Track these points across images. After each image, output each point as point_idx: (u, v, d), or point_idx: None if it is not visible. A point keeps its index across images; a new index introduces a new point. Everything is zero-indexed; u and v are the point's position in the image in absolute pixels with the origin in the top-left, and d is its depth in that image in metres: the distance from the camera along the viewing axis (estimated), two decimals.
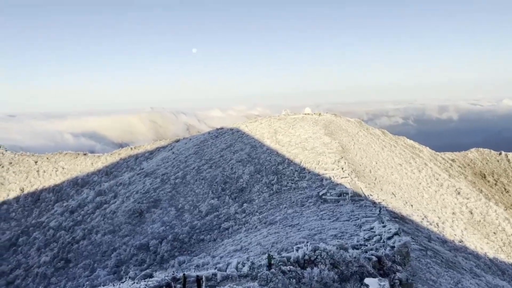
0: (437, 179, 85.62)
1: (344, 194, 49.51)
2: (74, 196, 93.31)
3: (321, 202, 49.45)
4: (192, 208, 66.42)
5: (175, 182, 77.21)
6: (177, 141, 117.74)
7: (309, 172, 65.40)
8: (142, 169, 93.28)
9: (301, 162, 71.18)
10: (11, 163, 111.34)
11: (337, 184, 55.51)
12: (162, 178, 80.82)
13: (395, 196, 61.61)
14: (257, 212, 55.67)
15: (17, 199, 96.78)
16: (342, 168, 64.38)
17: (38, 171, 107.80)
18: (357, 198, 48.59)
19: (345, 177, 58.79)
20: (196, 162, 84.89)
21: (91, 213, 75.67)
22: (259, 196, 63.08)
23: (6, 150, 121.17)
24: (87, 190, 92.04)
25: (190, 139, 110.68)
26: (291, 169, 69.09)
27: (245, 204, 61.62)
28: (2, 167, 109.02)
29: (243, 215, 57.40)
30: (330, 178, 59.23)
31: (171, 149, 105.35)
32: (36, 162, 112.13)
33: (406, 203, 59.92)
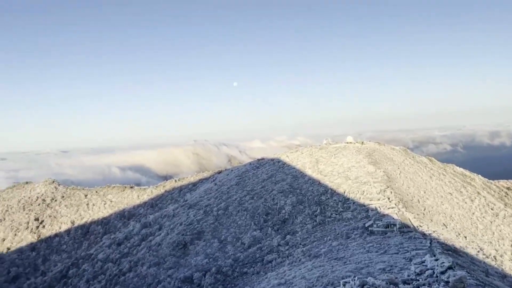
0: (492, 209, 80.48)
1: (392, 226, 47.48)
2: (121, 229, 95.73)
3: (368, 234, 47.64)
4: (234, 240, 66.06)
5: (217, 213, 77.50)
6: (219, 172, 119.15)
7: (354, 202, 63.60)
8: (186, 201, 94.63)
9: (344, 192, 69.52)
10: (63, 197, 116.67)
11: (384, 215, 53.46)
12: (205, 209, 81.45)
13: (446, 227, 58.35)
14: (300, 244, 54.41)
15: (68, 231, 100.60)
16: (389, 198, 62.13)
17: (87, 204, 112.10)
18: (405, 229, 46.42)
19: (392, 208, 56.59)
20: (238, 193, 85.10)
21: (137, 245, 77.09)
22: (302, 228, 61.85)
23: (59, 185, 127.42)
24: (133, 223, 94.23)
25: (232, 170, 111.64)
26: (335, 200, 67.53)
27: (288, 236, 60.52)
28: (55, 201, 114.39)
29: (286, 247, 56.26)
30: (376, 209, 57.23)
31: (213, 181, 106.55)
32: (86, 196, 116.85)
33: (459, 234, 56.48)
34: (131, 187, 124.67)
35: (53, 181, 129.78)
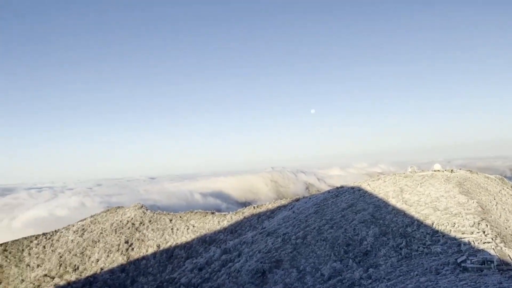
0: None
1: (488, 262, 42.92)
2: (202, 254, 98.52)
3: (460, 270, 43.54)
4: (313, 270, 64.36)
5: (296, 242, 76.45)
6: (297, 200, 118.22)
7: (443, 235, 58.83)
8: (264, 228, 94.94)
9: (433, 224, 64.69)
10: (150, 221, 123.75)
11: (479, 250, 48.60)
12: (283, 237, 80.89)
13: None
14: (384, 278, 51.32)
15: (154, 254, 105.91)
16: (484, 232, 56.51)
17: (172, 229, 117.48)
18: (504, 267, 41.64)
19: (488, 242, 51.28)
20: (316, 222, 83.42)
21: (217, 270, 78.56)
22: (386, 261, 58.44)
23: (147, 210, 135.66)
24: (214, 248, 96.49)
25: (310, 198, 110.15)
26: (422, 232, 63.07)
27: (370, 269, 57.49)
28: (143, 224, 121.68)
29: (369, 281, 53.41)
30: (469, 243, 52.29)
31: (291, 208, 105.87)
32: (170, 221, 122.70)
33: None
34: (212, 213, 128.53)
35: (142, 206, 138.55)
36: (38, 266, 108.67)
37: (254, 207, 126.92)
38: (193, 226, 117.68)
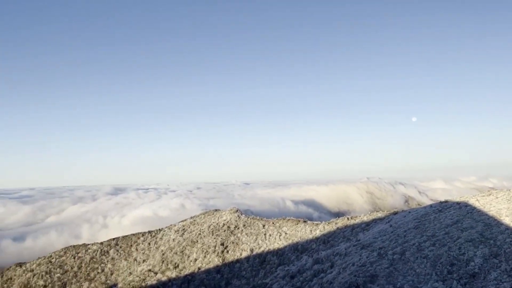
0: None
1: None
2: (294, 261, 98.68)
3: None
4: None
5: (393, 257, 72.57)
6: (395, 213, 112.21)
7: None
8: (358, 240, 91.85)
9: None
10: (244, 225, 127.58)
11: None
12: (379, 252, 77.40)
13: None
14: None
15: (247, 258, 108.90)
16: None
17: (265, 234, 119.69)
18: None
19: None
20: (416, 238, 78.28)
21: (309, 280, 77.97)
22: (497, 286, 52.56)
23: (241, 214, 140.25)
24: (306, 257, 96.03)
25: (409, 212, 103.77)
26: None
27: None
28: (238, 228, 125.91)
29: None
30: None
31: (388, 222, 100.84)
32: (263, 226, 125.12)
33: None
34: (304, 221, 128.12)
35: (237, 210, 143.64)
36: (143, 261, 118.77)
37: (348, 218, 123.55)
38: (285, 233, 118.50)
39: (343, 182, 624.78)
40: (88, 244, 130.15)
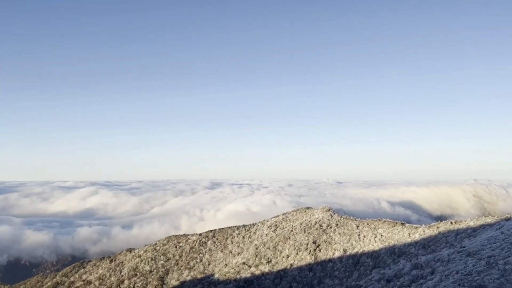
0: None
1: None
2: (390, 265, 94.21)
3: None
4: None
5: (504, 268, 65.25)
6: (508, 219, 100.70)
7: None
8: (464, 247, 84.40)
9: None
10: (337, 225, 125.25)
11: None
12: (487, 260, 70.23)
13: None
14: None
15: (340, 258, 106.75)
16: None
17: (359, 235, 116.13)
18: None
19: None
20: None
21: (407, 286, 73.72)
22: None
23: (334, 213, 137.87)
24: (404, 261, 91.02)
25: None
26: None
27: None
28: (330, 227, 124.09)
29: None
30: None
31: (499, 228, 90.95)
32: (357, 227, 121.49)
33: None
34: (402, 224, 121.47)
35: (329, 209, 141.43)
36: (238, 254, 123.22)
37: (451, 223, 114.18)
38: (381, 235, 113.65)
39: (446, 184, 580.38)
40: (188, 235, 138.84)
